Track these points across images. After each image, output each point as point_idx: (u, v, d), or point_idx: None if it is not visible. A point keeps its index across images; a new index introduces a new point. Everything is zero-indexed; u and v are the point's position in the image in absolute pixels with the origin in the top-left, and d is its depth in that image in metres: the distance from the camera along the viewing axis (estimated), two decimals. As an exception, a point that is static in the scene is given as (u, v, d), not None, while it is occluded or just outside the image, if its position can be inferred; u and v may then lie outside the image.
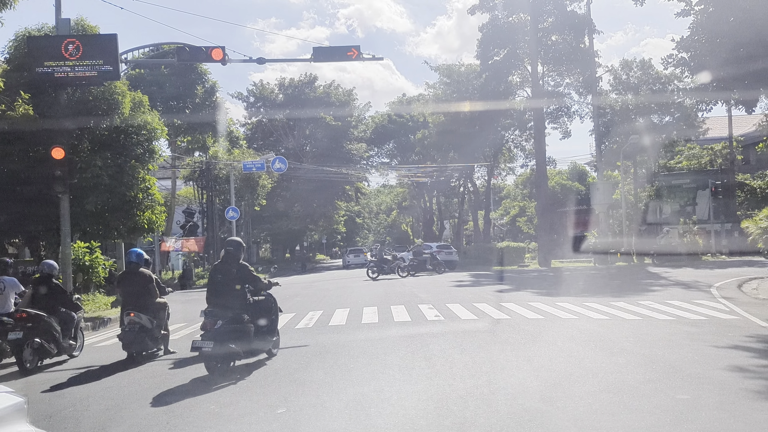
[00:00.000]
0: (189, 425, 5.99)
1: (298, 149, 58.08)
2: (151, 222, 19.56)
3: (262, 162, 37.32)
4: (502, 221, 67.08)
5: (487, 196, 50.10)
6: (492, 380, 7.22)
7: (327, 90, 61.14)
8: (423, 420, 5.75)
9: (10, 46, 18.59)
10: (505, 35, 37.04)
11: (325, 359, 9.00)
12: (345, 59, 19.83)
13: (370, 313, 14.08)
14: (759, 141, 31.51)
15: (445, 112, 42.35)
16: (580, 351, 8.85)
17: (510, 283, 22.07)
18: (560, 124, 41.53)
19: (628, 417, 5.55)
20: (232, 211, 35.13)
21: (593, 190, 36.62)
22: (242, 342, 8.56)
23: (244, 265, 9.09)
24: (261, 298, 9.33)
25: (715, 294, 15.45)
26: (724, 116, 40.28)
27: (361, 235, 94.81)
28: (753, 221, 19.31)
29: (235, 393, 7.25)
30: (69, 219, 16.20)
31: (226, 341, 8.31)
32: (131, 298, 10.23)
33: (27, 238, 20.13)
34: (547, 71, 38.50)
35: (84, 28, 18.98)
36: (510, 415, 5.71)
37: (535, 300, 15.58)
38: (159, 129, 19.57)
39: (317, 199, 56.64)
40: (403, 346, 9.71)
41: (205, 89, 37.03)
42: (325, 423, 5.84)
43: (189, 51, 18.82)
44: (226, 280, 8.83)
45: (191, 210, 44.79)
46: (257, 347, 8.99)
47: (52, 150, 14.72)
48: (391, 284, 24.20)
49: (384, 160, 65.60)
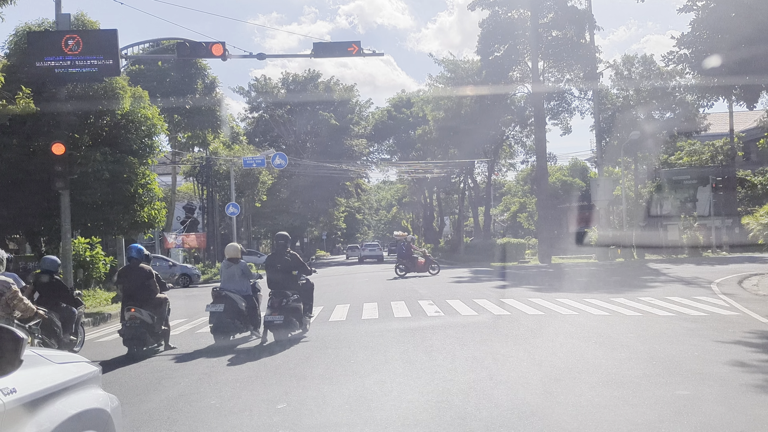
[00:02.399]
0: (189, 419, 6.00)
1: (299, 145, 58.06)
2: (151, 218, 19.54)
3: (263, 158, 37.26)
4: (502, 217, 67.08)
5: (487, 192, 50.06)
6: (493, 374, 7.24)
7: (328, 86, 61.05)
8: (425, 414, 5.76)
9: (10, 41, 18.54)
10: (506, 31, 36.98)
11: (326, 353, 9.03)
12: (345, 55, 19.83)
13: (370, 309, 14.10)
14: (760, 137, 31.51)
15: (446, 107, 42.29)
16: (580, 346, 8.86)
17: (510, 280, 22.07)
18: (561, 120, 41.52)
19: (628, 411, 5.55)
20: (233, 207, 35.09)
21: (594, 186, 36.63)
22: (296, 316, 10.55)
23: (295, 255, 11.10)
24: (304, 281, 11.16)
25: (715, 290, 15.46)
26: (725, 112, 40.28)
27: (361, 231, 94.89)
28: (754, 217, 19.33)
29: (237, 387, 7.26)
30: (69, 214, 16.19)
31: (289, 316, 10.38)
32: (132, 294, 10.23)
33: (28, 234, 20.13)
34: (547, 67, 38.43)
35: (84, 24, 18.93)
36: (511, 409, 5.72)
37: (535, 296, 15.58)
38: (159, 124, 19.53)
39: (317, 195, 56.63)
40: (403, 341, 9.73)
41: (205, 85, 36.96)
42: (327, 416, 5.85)
43: (189, 46, 18.79)
44: (285, 268, 10.76)
45: (191, 206, 44.77)
46: (303, 321, 10.88)
47: (52, 146, 14.70)
48: (391, 281, 24.22)
49: (384, 156, 65.59)
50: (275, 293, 10.53)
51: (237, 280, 11.04)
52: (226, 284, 11.03)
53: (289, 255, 10.93)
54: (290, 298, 10.55)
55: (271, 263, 11.07)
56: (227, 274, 11.16)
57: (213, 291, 11.23)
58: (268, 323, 10.31)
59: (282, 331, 10.34)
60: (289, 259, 10.86)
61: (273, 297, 10.50)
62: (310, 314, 11.34)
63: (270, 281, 10.84)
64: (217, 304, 10.65)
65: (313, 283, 11.56)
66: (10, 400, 2.34)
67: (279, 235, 11.40)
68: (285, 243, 11.06)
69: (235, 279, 11.05)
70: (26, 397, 2.43)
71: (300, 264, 11.01)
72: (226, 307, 10.55)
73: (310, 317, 11.37)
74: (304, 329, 10.99)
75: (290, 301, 10.52)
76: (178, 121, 35.99)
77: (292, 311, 10.50)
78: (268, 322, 10.30)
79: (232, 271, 11.12)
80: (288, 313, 10.38)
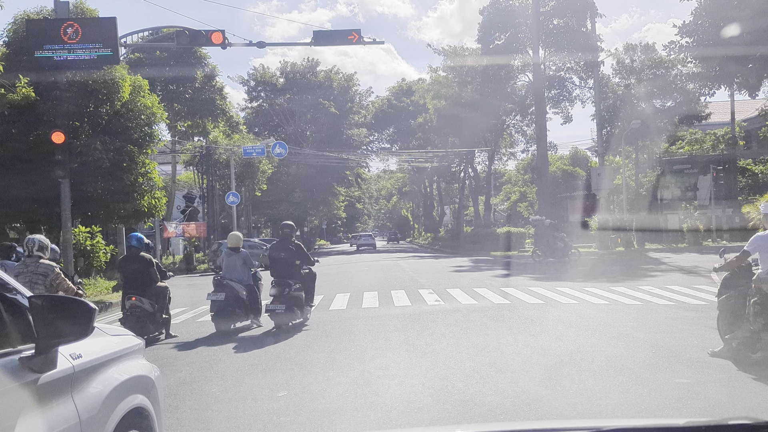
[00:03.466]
0: (190, 408, 6.02)
1: (299, 134, 57.91)
2: (151, 207, 19.54)
3: (263, 147, 37.20)
4: (502, 206, 67.02)
5: (487, 181, 49.98)
6: (494, 361, 7.27)
7: (328, 75, 60.81)
8: (429, 398, 5.81)
9: (8, 29, 18.45)
10: (506, 19, 36.77)
11: (327, 340, 9.07)
12: (345, 43, 19.74)
13: (371, 298, 14.13)
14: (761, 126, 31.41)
15: (446, 96, 42.12)
16: (581, 335, 8.89)
17: (510, 269, 22.09)
18: (562, 109, 41.35)
19: (630, 398, 5.58)
20: (233, 196, 35.06)
21: (594, 176, 36.53)
22: (298, 305, 10.62)
23: (299, 245, 11.19)
24: (307, 271, 11.24)
25: (715, 279, 15.43)
26: (726, 101, 40.10)
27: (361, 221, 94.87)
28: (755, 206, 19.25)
29: (239, 374, 7.29)
30: (70, 203, 16.19)
31: (291, 305, 10.42)
32: (132, 283, 10.24)
33: (28, 223, 20.14)
34: (548, 55, 38.26)
35: (83, 11, 18.83)
36: (513, 395, 5.75)
37: (535, 285, 15.60)
38: (159, 113, 19.49)
39: (317, 185, 56.55)
40: (404, 329, 9.76)
41: (205, 74, 36.82)
42: (331, 401, 5.88)
43: (189, 35, 18.72)
44: (288, 257, 10.80)
45: (191, 195, 44.71)
46: (304, 310, 10.95)
47: (52, 134, 14.67)
48: (394, 268, 24.25)
49: (384, 146, 65.45)
50: (278, 282, 10.61)
51: (238, 269, 11.07)
52: (227, 273, 11.05)
53: (294, 245, 11.04)
54: (292, 287, 10.63)
55: (273, 252, 11.17)
56: (228, 262, 11.18)
57: (214, 279, 11.26)
58: (270, 311, 10.39)
59: (283, 320, 10.41)
60: (293, 249, 10.95)
61: (275, 286, 10.58)
62: (311, 303, 11.43)
63: (273, 270, 10.93)
64: (218, 293, 10.68)
65: (315, 272, 11.65)
66: (78, 364, 2.65)
67: (285, 224, 11.55)
68: (290, 232, 11.22)
69: (236, 268, 11.07)
70: (89, 362, 2.76)
71: (303, 254, 11.12)
72: (227, 296, 10.58)
73: (311, 306, 11.44)
74: (305, 318, 11.05)
75: (292, 290, 10.61)
76: (178, 109, 35.89)
77: (294, 300, 10.58)
78: (270, 311, 10.39)
79: (234, 260, 11.15)
80: (290, 301, 10.47)
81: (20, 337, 2.46)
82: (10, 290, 2.57)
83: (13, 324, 2.48)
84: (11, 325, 2.48)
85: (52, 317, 2.39)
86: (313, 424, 5.22)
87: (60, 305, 2.46)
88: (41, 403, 2.34)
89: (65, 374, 2.53)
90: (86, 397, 2.62)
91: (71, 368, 2.59)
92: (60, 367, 2.49)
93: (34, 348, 2.38)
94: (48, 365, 2.40)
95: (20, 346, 2.41)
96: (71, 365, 2.60)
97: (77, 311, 2.47)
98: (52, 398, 2.42)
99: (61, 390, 2.49)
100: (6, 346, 2.37)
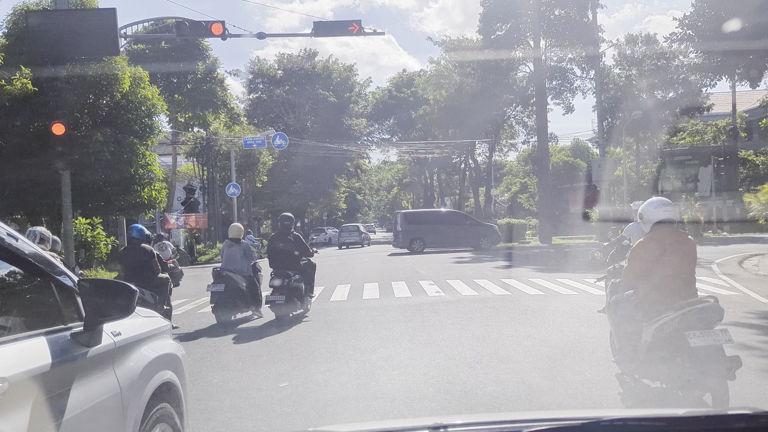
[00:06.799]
0: (192, 398, 6.00)
1: (299, 125, 57.77)
2: (151, 198, 19.55)
3: (263, 138, 37.09)
4: (503, 198, 66.98)
5: (488, 172, 49.94)
6: (496, 351, 7.30)
7: (327, 65, 60.60)
8: (431, 388, 5.84)
9: (8, 21, 18.42)
10: (508, 9, 36.56)
11: (329, 331, 9.10)
12: (346, 34, 19.70)
13: (371, 289, 14.16)
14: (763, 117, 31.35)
15: (447, 87, 42.01)
16: (581, 326, 8.91)
17: (511, 260, 22.11)
18: (563, 100, 41.24)
19: (631, 387, 5.59)
20: (233, 188, 35.02)
21: (595, 167, 36.46)
22: (298, 296, 10.70)
23: (298, 236, 11.31)
24: (306, 262, 11.26)
25: (715, 270, 15.47)
26: (727, 92, 39.94)
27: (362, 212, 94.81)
28: (756, 197, 19.19)
29: (241, 365, 7.31)
30: (70, 195, 16.19)
31: (291, 296, 10.49)
32: (132, 274, 10.22)
33: (29, 214, 20.16)
34: (549, 46, 38.11)
35: (82, 2, 18.76)
36: (514, 385, 5.78)
37: (535, 276, 15.62)
38: (159, 104, 19.47)
39: (318, 176, 56.46)
40: (406, 320, 9.79)
41: (206, 65, 36.71)
42: (335, 390, 5.91)
43: (189, 26, 18.66)
44: (287, 248, 10.86)
45: (192, 186, 44.68)
46: (305, 301, 11.04)
47: (52, 126, 14.64)
48: (394, 259, 24.26)
49: (385, 137, 65.31)
50: (277, 273, 10.66)
51: (238, 261, 11.11)
52: (227, 264, 11.09)
53: (292, 236, 11.11)
54: (292, 278, 10.66)
55: (273, 243, 11.25)
56: (228, 254, 11.22)
57: (214, 271, 11.28)
58: (271, 302, 10.44)
59: (284, 311, 10.47)
60: (292, 240, 11.02)
61: (275, 277, 10.63)
62: (311, 294, 11.48)
63: (272, 261, 10.99)
64: (218, 284, 10.71)
65: (314, 263, 11.70)
66: (119, 340, 2.91)
67: (284, 216, 11.64)
68: (289, 224, 11.33)
69: (236, 259, 11.11)
70: (127, 339, 3.01)
71: (302, 245, 11.20)
72: (226, 287, 10.61)
73: (311, 297, 11.51)
74: (305, 309, 11.10)
75: (292, 281, 10.64)
76: (179, 101, 35.80)
77: (294, 291, 10.63)
78: (271, 302, 10.44)
79: (234, 251, 11.18)
80: (290, 292, 10.52)
81: (70, 316, 2.73)
82: (59, 273, 2.75)
83: (64, 304, 2.74)
84: (63, 305, 2.73)
85: (98, 298, 2.66)
86: (315, 414, 5.25)
87: (105, 287, 2.76)
88: (89, 373, 2.61)
89: (108, 349, 2.79)
90: (125, 371, 2.89)
91: (113, 344, 2.85)
92: (104, 342, 2.75)
93: (83, 325, 2.64)
94: (95, 340, 2.67)
95: (70, 324, 2.67)
96: (113, 341, 2.85)
97: (120, 293, 2.76)
98: (97, 370, 2.68)
99: (105, 363, 2.75)
100: (59, 323, 2.63)
